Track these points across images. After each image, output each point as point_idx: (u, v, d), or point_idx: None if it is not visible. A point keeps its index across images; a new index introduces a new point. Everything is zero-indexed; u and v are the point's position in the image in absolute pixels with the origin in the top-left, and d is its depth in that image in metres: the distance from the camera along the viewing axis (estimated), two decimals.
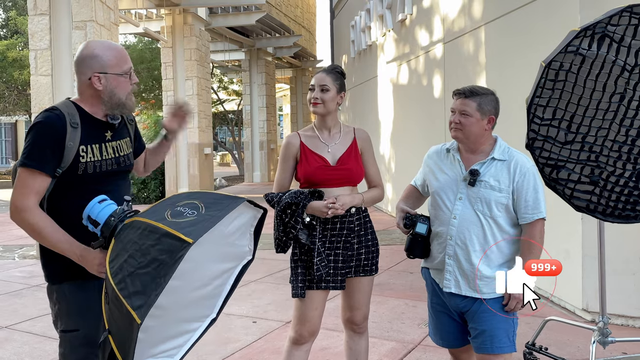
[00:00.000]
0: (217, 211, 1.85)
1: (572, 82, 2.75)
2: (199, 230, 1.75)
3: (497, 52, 6.24)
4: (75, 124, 2.11)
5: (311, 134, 2.89)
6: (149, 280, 1.71)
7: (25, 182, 2.05)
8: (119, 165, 2.25)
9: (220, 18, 15.20)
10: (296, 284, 2.77)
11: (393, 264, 6.70)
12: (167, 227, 1.76)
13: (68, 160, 2.08)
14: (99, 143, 2.18)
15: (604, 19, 2.68)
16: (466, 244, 2.48)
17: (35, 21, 7.49)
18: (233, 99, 28.53)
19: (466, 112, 2.47)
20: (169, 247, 1.72)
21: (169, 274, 1.70)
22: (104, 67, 2.16)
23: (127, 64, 2.22)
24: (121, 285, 1.73)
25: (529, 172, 2.46)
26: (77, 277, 2.11)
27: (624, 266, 4.34)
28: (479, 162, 2.50)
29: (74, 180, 2.11)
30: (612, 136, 2.82)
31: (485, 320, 2.47)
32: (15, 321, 4.82)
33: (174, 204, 1.89)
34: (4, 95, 20.72)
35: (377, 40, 11.23)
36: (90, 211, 1.94)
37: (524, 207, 2.45)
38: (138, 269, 1.74)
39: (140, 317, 1.67)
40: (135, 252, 1.78)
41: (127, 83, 2.22)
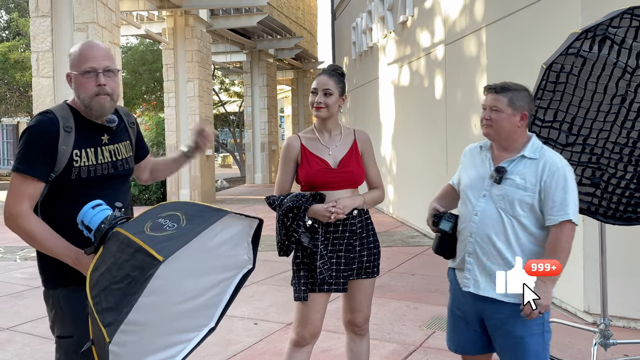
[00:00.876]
0: (196, 225, 1.80)
1: (573, 84, 2.76)
2: (172, 247, 1.70)
3: (498, 54, 6.25)
4: (69, 127, 2.05)
5: (312, 136, 2.88)
6: (120, 297, 1.67)
7: (18, 187, 2.01)
8: (116, 169, 2.18)
9: (221, 20, 15.22)
10: (299, 287, 2.76)
11: (394, 265, 6.69)
12: (142, 242, 1.72)
13: (61, 164, 2.03)
14: (94, 147, 2.12)
15: (605, 21, 2.68)
16: (486, 241, 2.40)
17: (37, 23, 7.51)
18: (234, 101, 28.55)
19: (497, 107, 2.38)
20: (141, 264, 1.68)
21: (139, 292, 1.66)
22: (71, 66, 2.10)
23: (88, 63, 2.07)
24: (96, 299, 1.72)
25: (558, 171, 2.33)
26: (72, 283, 2.07)
27: (626, 268, 4.34)
28: (508, 159, 2.41)
29: (68, 185, 2.07)
30: (613, 138, 2.82)
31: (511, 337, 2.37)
32: (17, 323, 4.82)
33: (156, 214, 1.85)
34: (6, 97, 20.73)
35: (378, 42, 11.24)
36: (83, 216, 1.92)
37: (550, 208, 2.33)
38: (112, 284, 1.71)
39: (109, 335, 1.64)
40: (112, 265, 1.75)
41: (90, 84, 2.07)
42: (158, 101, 21.73)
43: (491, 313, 2.41)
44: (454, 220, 2.55)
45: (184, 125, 13.46)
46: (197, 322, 1.96)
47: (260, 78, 19.57)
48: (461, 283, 2.50)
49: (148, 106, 23.13)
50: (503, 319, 2.37)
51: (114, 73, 2.13)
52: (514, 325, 2.35)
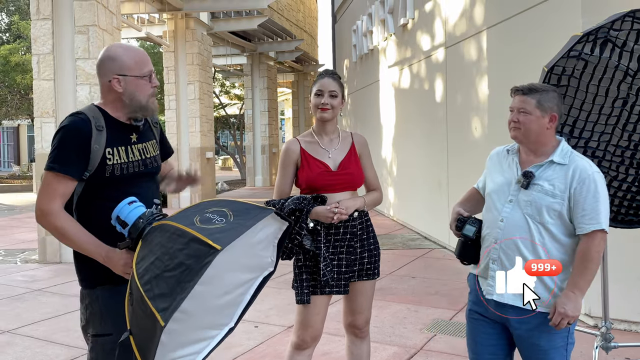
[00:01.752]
0: (246, 220, 1.85)
1: (574, 86, 2.76)
2: (227, 237, 1.75)
3: (498, 57, 6.25)
4: (101, 127, 2.12)
5: (310, 139, 2.89)
6: (174, 284, 1.71)
7: (51, 185, 2.07)
8: (146, 167, 2.25)
9: (222, 22, 15.23)
10: (301, 289, 2.76)
11: (395, 268, 6.68)
12: (196, 232, 1.76)
13: (95, 163, 2.09)
14: (124, 145, 2.18)
15: (606, 23, 2.68)
16: (511, 248, 2.31)
17: (38, 26, 7.51)
18: (235, 103, 28.59)
19: (525, 109, 2.30)
20: (196, 252, 1.72)
21: (195, 279, 1.70)
22: (123, 69, 2.15)
23: (147, 67, 2.20)
24: (147, 286, 1.74)
25: (589, 178, 2.23)
26: (108, 282, 2.12)
27: (627, 271, 4.33)
28: (536, 164, 2.33)
29: (102, 183, 2.12)
30: (615, 141, 2.82)
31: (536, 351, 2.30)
32: (17, 325, 4.82)
33: (202, 210, 1.89)
34: (7, 100, 20.76)
35: (378, 45, 11.25)
36: (119, 212, 1.95)
37: (581, 216, 2.23)
38: (165, 272, 1.74)
39: (164, 319, 1.66)
40: (162, 254, 1.78)
41: (148, 86, 2.20)
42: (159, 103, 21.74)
43: (517, 323, 2.33)
44: (478, 225, 2.46)
45: (184, 127, 13.47)
46: (221, 319, 1.98)
47: (261, 81, 19.59)
48: (484, 290, 2.42)
49: None
50: (529, 329, 2.31)
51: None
52: (539, 338, 2.29)
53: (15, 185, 21.32)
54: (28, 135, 33.47)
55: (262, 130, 19.61)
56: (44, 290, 6.06)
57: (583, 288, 2.21)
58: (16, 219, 12.54)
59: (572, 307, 2.18)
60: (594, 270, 2.22)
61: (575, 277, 2.22)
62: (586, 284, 2.22)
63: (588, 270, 2.21)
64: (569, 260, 2.29)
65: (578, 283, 2.21)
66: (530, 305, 2.29)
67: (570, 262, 2.28)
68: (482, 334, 2.46)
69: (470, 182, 2.75)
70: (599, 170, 2.29)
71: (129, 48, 2.23)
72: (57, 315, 5.08)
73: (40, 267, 7.31)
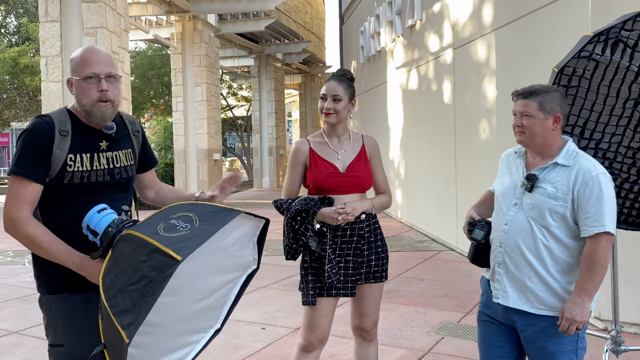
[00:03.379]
0: (210, 225, 1.79)
1: (585, 87, 2.73)
2: (188, 247, 1.69)
3: (507, 58, 6.22)
4: (65, 131, 2.02)
5: (320, 140, 2.88)
6: (138, 298, 1.66)
7: (17, 191, 1.98)
8: (112, 177, 2.12)
9: (229, 24, 15.27)
10: (307, 291, 2.75)
11: (403, 270, 6.66)
12: (157, 243, 1.71)
13: (55, 168, 2.00)
14: (90, 152, 2.07)
15: (617, 24, 2.65)
16: (516, 252, 2.30)
17: (47, 28, 7.56)
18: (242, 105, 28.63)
19: (528, 113, 2.28)
20: (159, 264, 1.67)
21: (158, 292, 1.65)
22: (72, 70, 2.07)
23: (90, 69, 2.03)
24: (112, 301, 1.69)
25: (592, 180, 2.19)
26: (64, 290, 2.03)
27: (638, 274, 4.29)
28: (540, 167, 2.31)
29: (61, 190, 2.03)
30: (627, 142, 2.78)
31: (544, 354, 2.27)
32: (26, 326, 4.83)
33: (168, 216, 1.84)
34: (15, 102, 20.88)
35: (386, 46, 11.23)
36: (89, 220, 1.90)
37: (585, 219, 2.19)
38: (129, 285, 1.69)
39: (128, 336, 1.62)
40: (126, 267, 1.73)
41: (92, 90, 2.03)
42: (166, 105, 21.81)
43: (523, 326, 2.32)
44: (487, 228, 2.45)
45: (192, 129, 13.50)
46: (205, 323, 1.94)
47: (268, 82, 19.61)
48: (492, 294, 2.41)
49: (156, 110, 23.21)
50: (536, 332, 2.29)
51: (116, 79, 2.10)
52: (546, 341, 2.27)
53: None
54: None
55: (269, 132, 19.64)
56: None
57: (590, 292, 2.17)
58: None
59: (579, 312, 2.14)
60: (601, 274, 2.17)
61: (582, 281, 2.18)
62: (594, 287, 2.17)
63: (595, 274, 2.16)
64: (575, 262, 2.25)
65: (585, 287, 2.17)
66: (535, 309, 2.28)
67: (576, 264, 2.25)
68: (492, 336, 2.44)
69: (479, 184, 2.73)
70: (605, 171, 2.25)
71: (85, 48, 2.10)
72: None
73: None
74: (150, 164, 2.40)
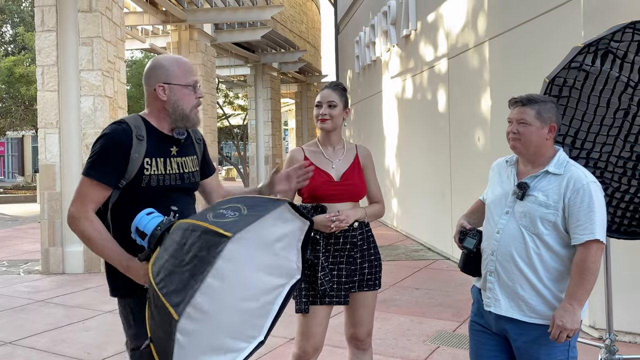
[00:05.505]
0: (259, 211, 1.83)
1: (575, 97, 2.76)
2: (238, 226, 1.72)
3: (501, 68, 6.26)
4: (141, 136, 2.12)
5: (315, 149, 2.91)
6: (188, 277, 1.68)
7: (85, 191, 2.08)
8: (182, 182, 2.23)
9: (225, 34, 15.31)
10: (300, 299, 2.76)
11: (398, 279, 6.66)
12: (208, 224, 1.74)
13: (132, 171, 2.09)
14: (163, 157, 2.17)
15: (607, 35, 2.68)
16: (508, 260, 2.31)
17: (43, 37, 7.57)
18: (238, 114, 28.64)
19: (525, 120, 2.29)
20: (208, 243, 1.70)
21: (207, 270, 1.67)
22: (169, 77, 2.16)
23: (192, 77, 2.21)
24: (161, 284, 1.71)
25: (583, 188, 2.21)
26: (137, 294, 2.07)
27: (632, 283, 4.31)
28: (531, 175, 2.33)
29: (138, 192, 2.12)
30: (617, 152, 2.81)
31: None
32: (20, 336, 4.81)
33: (216, 208, 1.88)
34: (11, 111, 20.86)
35: (381, 56, 11.28)
36: (138, 223, 1.93)
37: (575, 227, 2.20)
38: (177, 267, 1.71)
39: (178, 313, 1.63)
40: (176, 251, 1.76)
41: (192, 96, 2.20)
42: None
43: (515, 335, 2.32)
44: (479, 237, 2.46)
45: None
46: (249, 331, 1.91)
47: (264, 91, 19.65)
48: (484, 302, 2.41)
49: None
50: (528, 342, 2.29)
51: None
52: (538, 351, 2.27)
53: (19, 196, 21.38)
54: (32, 146, 33.63)
55: (265, 140, 19.65)
56: (47, 301, 6.05)
57: (581, 300, 2.18)
58: (20, 229, 12.56)
59: (570, 320, 2.15)
60: (592, 282, 2.19)
61: (573, 289, 2.19)
62: (584, 295, 2.18)
63: (585, 282, 2.17)
64: (566, 270, 2.27)
65: (575, 295, 2.18)
66: (526, 317, 2.29)
67: (567, 272, 2.26)
68: (484, 346, 2.45)
69: (474, 193, 2.75)
70: (595, 180, 2.27)
71: (175, 58, 2.23)
72: (59, 327, 5.07)
73: (43, 278, 7.30)
74: (210, 170, 2.49)
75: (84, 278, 7.10)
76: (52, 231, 7.54)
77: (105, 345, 4.55)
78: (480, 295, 2.46)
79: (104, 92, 7.54)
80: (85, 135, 7.48)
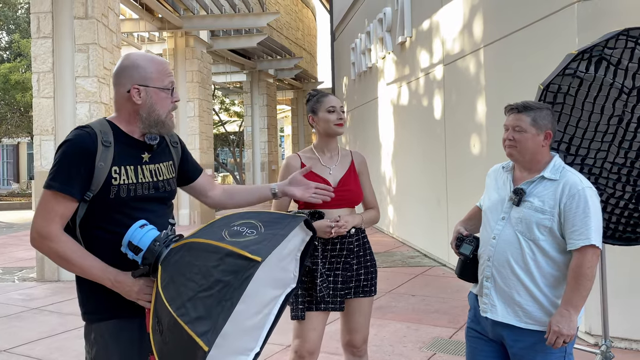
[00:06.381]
0: (279, 229, 1.73)
1: (570, 104, 2.77)
2: (266, 248, 1.63)
3: (496, 74, 6.29)
4: (108, 142, 1.91)
5: (311, 155, 2.92)
6: (213, 304, 1.57)
7: (49, 205, 1.85)
8: (157, 191, 2.01)
9: (221, 41, 15.34)
10: (296, 305, 2.76)
11: (394, 286, 6.65)
12: (231, 247, 1.63)
13: (99, 182, 1.87)
14: (134, 165, 1.96)
15: (601, 42, 2.70)
16: (504, 266, 2.30)
17: (39, 44, 7.57)
18: (234, 121, 28.68)
19: (520, 127, 2.30)
20: (234, 268, 1.59)
21: (236, 297, 1.57)
22: (146, 79, 1.96)
23: (169, 78, 2.01)
24: (181, 311, 1.58)
25: (579, 193, 2.22)
26: (117, 315, 1.90)
27: (627, 289, 4.31)
28: (527, 181, 2.33)
29: (107, 206, 1.90)
30: (611, 158, 2.82)
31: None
32: (14, 344, 4.78)
33: (228, 224, 1.75)
34: (7, 117, 20.83)
35: (377, 62, 11.31)
36: (131, 237, 1.79)
37: (571, 232, 2.21)
38: (199, 293, 1.59)
39: (207, 344, 1.52)
40: (194, 274, 1.63)
41: (168, 100, 2.00)
42: None
43: (512, 341, 2.31)
44: (475, 244, 2.47)
45: None
46: (249, 343, 1.83)
47: (260, 98, 19.68)
48: (480, 308, 2.41)
49: None
50: (524, 348, 2.28)
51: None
52: (534, 357, 2.27)
53: (15, 203, 21.31)
54: (28, 153, 33.52)
55: (261, 147, 19.65)
56: (42, 309, 6.02)
57: (577, 305, 2.18)
58: (14, 236, 12.50)
59: (566, 326, 2.15)
60: (588, 287, 2.19)
61: (569, 294, 2.19)
62: (580, 301, 2.18)
63: (581, 287, 2.18)
64: (562, 276, 2.27)
65: (572, 300, 2.18)
66: (523, 323, 2.29)
67: (563, 278, 2.27)
68: (481, 352, 2.45)
69: (470, 199, 2.75)
70: (590, 185, 2.28)
71: (152, 57, 2.03)
72: (54, 334, 5.05)
73: (38, 285, 7.27)
74: (195, 173, 2.29)
75: None
76: None
77: None
78: (476, 301, 2.46)
79: (99, 99, 7.54)
80: None
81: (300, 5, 24.76)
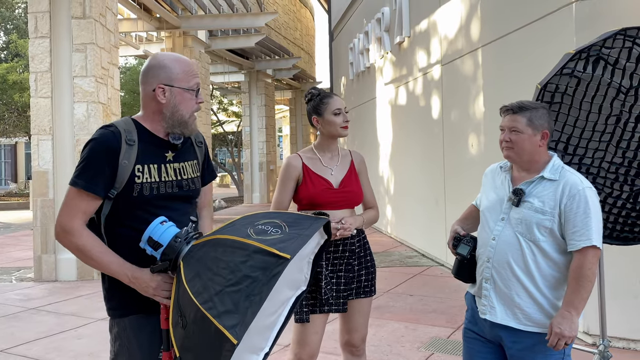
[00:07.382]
0: (302, 230, 1.76)
1: (567, 104, 2.77)
2: (292, 246, 1.65)
3: (494, 74, 6.29)
4: (132, 141, 1.95)
5: (312, 155, 2.91)
6: (241, 299, 1.59)
7: (73, 202, 1.92)
8: (181, 189, 2.04)
9: (220, 40, 15.33)
10: (300, 308, 2.75)
11: (392, 286, 6.66)
12: (259, 244, 1.66)
13: (122, 180, 1.92)
14: (157, 163, 2.00)
15: (598, 41, 2.70)
16: (504, 267, 2.28)
17: (36, 44, 7.55)
18: (232, 121, 28.65)
19: (516, 128, 2.28)
20: (262, 264, 1.62)
21: (265, 292, 1.59)
22: (171, 79, 1.99)
23: (195, 80, 2.04)
24: (208, 304, 1.61)
25: (579, 194, 2.20)
26: (140, 311, 1.94)
27: (626, 289, 4.32)
28: (526, 181, 2.31)
29: (130, 203, 1.95)
30: (609, 158, 2.82)
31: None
32: (11, 345, 4.77)
33: (252, 223, 1.78)
34: (4, 117, 20.80)
35: (375, 62, 11.31)
36: (152, 232, 1.81)
37: (572, 233, 2.19)
38: (227, 287, 1.62)
39: (236, 337, 1.54)
40: (221, 269, 1.66)
41: (193, 100, 2.03)
42: None
43: (510, 343, 2.30)
44: (473, 244, 2.44)
45: None
46: (260, 343, 1.84)
47: (259, 98, 19.67)
48: (479, 309, 2.39)
49: None
50: (522, 349, 2.27)
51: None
52: (533, 358, 2.26)
53: (12, 203, 21.28)
54: (25, 153, 33.48)
55: (259, 147, 19.65)
56: (39, 309, 6.01)
57: (578, 307, 2.17)
58: (12, 236, 12.48)
59: (568, 327, 2.14)
60: (589, 288, 2.17)
61: (570, 296, 2.18)
62: (581, 302, 2.17)
63: (582, 288, 2.16)
64: (562, 277, 2.26)
65: (573, 301, 2.17)
66: (522, 325, 2.28)
67: (564, 279, 2.25)
68: (478, 353, 2.44)
69: (467, 199, 2.75)
70: (590, 185, 2.27)
71: (178, 58, 2.06)
72: (52, 335, 5.04)
73: (36, 285, 7.26)
74: (208, 177, 2.29)
75: (77, 285, 7.06)
76: (44, 238, 7.50)
77: (97, 353, 4.51)
78: (474, 302, 2.45)
79: (97, 99, 7.52)
80: (78, 141, 7.46)
81: (298, 5, 24.76)
